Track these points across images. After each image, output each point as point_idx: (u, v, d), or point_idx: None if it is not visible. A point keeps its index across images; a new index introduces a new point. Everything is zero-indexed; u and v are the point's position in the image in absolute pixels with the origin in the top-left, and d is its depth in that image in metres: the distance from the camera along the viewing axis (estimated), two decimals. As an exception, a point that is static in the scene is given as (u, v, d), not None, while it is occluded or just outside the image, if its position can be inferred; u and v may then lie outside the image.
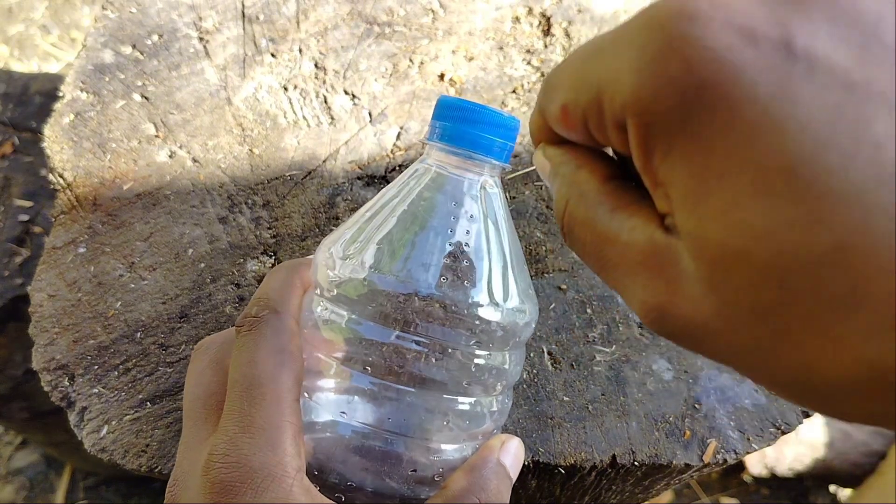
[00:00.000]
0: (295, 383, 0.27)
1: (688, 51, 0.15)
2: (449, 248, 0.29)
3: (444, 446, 0.29)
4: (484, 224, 0.30)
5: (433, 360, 0.28)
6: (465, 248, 0.29)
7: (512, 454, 0.30)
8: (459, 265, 0.29)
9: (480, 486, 0.27)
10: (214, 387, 0.29)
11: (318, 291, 0.30)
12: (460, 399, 0.29)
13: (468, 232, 0.29)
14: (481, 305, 0.28)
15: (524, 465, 0.39)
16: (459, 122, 0.29)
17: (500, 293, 0.29)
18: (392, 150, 0.50)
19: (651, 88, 0.16)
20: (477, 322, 0.28)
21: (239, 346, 0.28)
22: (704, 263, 0.16)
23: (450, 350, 0.28)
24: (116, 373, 0.43)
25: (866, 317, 0.14)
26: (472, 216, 0.30)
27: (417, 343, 0.28)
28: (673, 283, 0.17)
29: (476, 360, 0.29)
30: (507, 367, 0.30)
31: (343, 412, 0.29)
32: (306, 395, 0.29)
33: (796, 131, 0.14)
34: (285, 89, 0.52)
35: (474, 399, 0.30)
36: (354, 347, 0.28)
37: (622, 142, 0.18)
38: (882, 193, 0.14)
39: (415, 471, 0.29)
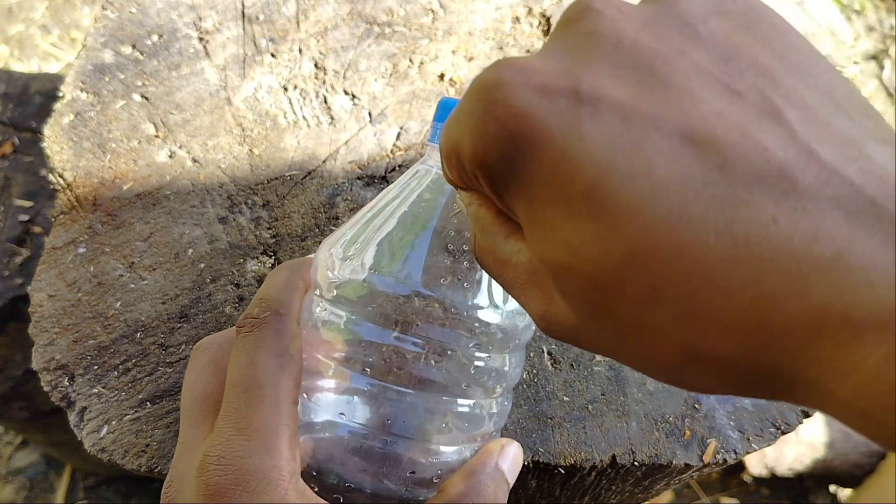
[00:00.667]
0: (294, 386, 0.27)
1: (498, 112, 0.19)
2: (449, 250, 0.29)
3: (443, 448, 0.29)
4: None
5: (432, 362, 0.28)
6: (465, 250, 0.29)
7: (510, 459, 0.30)
8: (459, 267, 0.29)
9: (478, 490, 0.28)
10: (213, 387, 0.29)
11: (317, 292, 0.30)
12: (460, 401, 0.29)
13: (468, 234, 0.29)
14: (481, 307, 0.28)
15: (524, 465, 0.39)
16: None
17: (500, 295, 0.29)
18: (392, 151, 0.50)
19: (481, 147, 0.19)
20: (476, 324, 0.28)
21: (239, 346, 0.28)
22: (552, 279, 0.19)
23: (449, 352, 0.28)
24: (116, 373, 0.43)
25: (665, 308, 0.16)
26: None
27: (417, 345, 0.28)
28: (547, 295, 0.20)
29: (475, 362, 0.29)
30: (506, 369, 0.30)
31: (342, 413, 0.29)
32: (305, 395, 0.29)
33: (586, 161, 0.17)
34: (285, 89, 0.52)
35: (474, 401, 0.30)
36: (354, 348, 0.28)
37: (484, 188, 0.21)
38: (657, 206, 0.16)
39: (413, 472, 0.29)
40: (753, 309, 0.15)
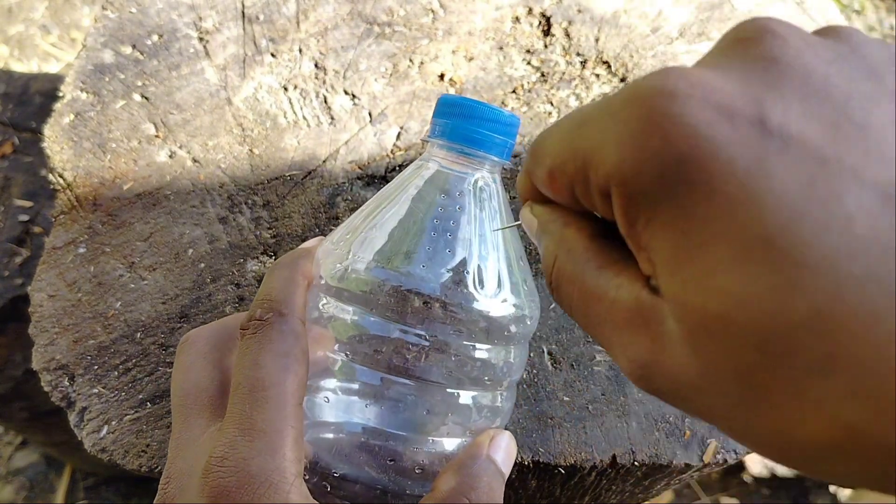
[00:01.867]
0: (298, 387, 0.27)
1: (668, 126, 0.16)
2: (450, 244, 0.29)
3: (447, 442, 0.29)
4: (484, 220, 0.30)
5: (436, 356, 0.28)
6: (467, 244, 0.29)
7: (503, 449, 0.29)
8: (461, 261, 0.29)
9: (470, 484, 0.27)
10: (205, 381, 0.29)
11: (320, 287, 0.30)
12: (464, 394, 0.29)
13: (469, 228, 0.29)
14: (484, 300, 0.29)
15: (525, 465, 0.39)
16: (459, 120, 0.29)
17: (502, 289, 0.29)
18: (392, 150, 0.50)
19: (633, 161, 0.17)
20: (480, 317, 0.29)
21: (243, 348, 0.27)
22: (687, 326, 0.16)
23: (453, 345, 0.28)
24: (116, 373, 0.43)
25: (841, 381, 0.14)
26: (472, 213, 0.30)
27: (420, 338, 0.28)
28: (658, 341, 0.17)
29: (479, 355, 0.29)
30: (511, 361, 0.30)
31: (346, 408, 0.29)
32: (311, 392, 0.29)
33: (772, 203, 0.15)
34: (285, 89, 0.52)
35: (478, 394, 0.30)
36: (357, 343, 0.28)
37: (607, 208, 0.19)
38: (853, 265, 0.14)
39: (419, 466, 0.29)
40: None
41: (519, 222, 0.25)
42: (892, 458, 0.14)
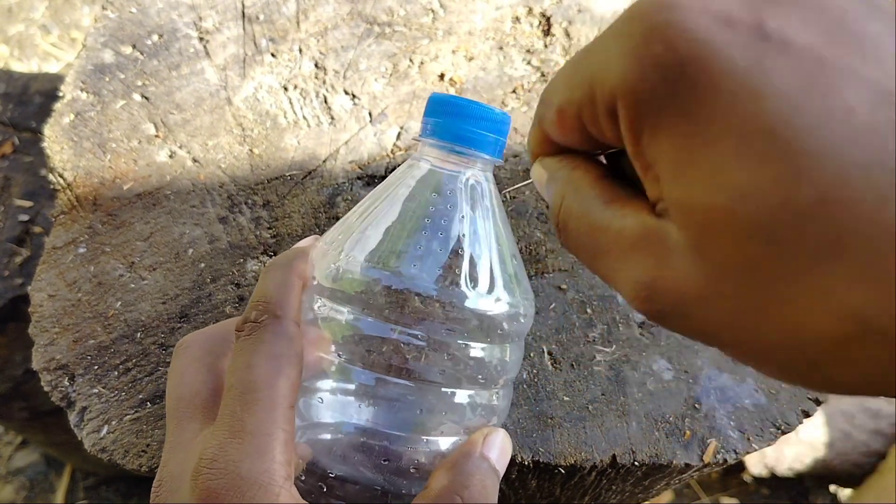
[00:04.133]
0: (291, 390, 0.27)
1: (669, 33, 0.17)
2: (443, 243, 0.29)
3: (443, 441, 0.29)
4: (477, 219, 0.30)
5: (430, 355, 0.28)
6: (460, 243, 0.29)
7: (497, 447, 0.29)
8: (454, 259, 0.29)
9: (462, 483, 0.26)
10: (198, 385, 0.29)
11: (314, 288, 0.30)
12: (459, 393, 0.29)
13: (462, 226, 0.29)
14: (478, 298, 0.29)
15: (525, 464, 0.39)
16: (449, 118, 0.29)
17: (495, 286, 0.29)
18: (392, 150, 0.50)
19: (637, 70, 0.17)
20: (473, 315, 0.29)
21: (237, 350, 0.27)
22: (693, 230, 0.17)
23: (448, 344, 0.28)
24: (116, 373, 0.43)
25: (849, 265, 0.14)
26: (464, 211, 0.30)
27: (415, 337, 0.28)
28: (663, 258, 0.18)
29: (474, 354, 0.29)
30: (506, 360, 0.30)
31: (341, 409, 0.29)
32: (307, 394, 0.29)
33: (773, 97, 0.15)
34: (285, 89, 0.52)
35: (473, 393, 0.30)
36: (351, 343, 0.28)
37: (615, 131, 0.19)
38: (856, 152, 0.15)
39: (415, 466, 0.29)
40: None
41: (530, 181, 0.26)
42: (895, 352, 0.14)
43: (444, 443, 0.29)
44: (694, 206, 0.17)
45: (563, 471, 0.39)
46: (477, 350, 0.29)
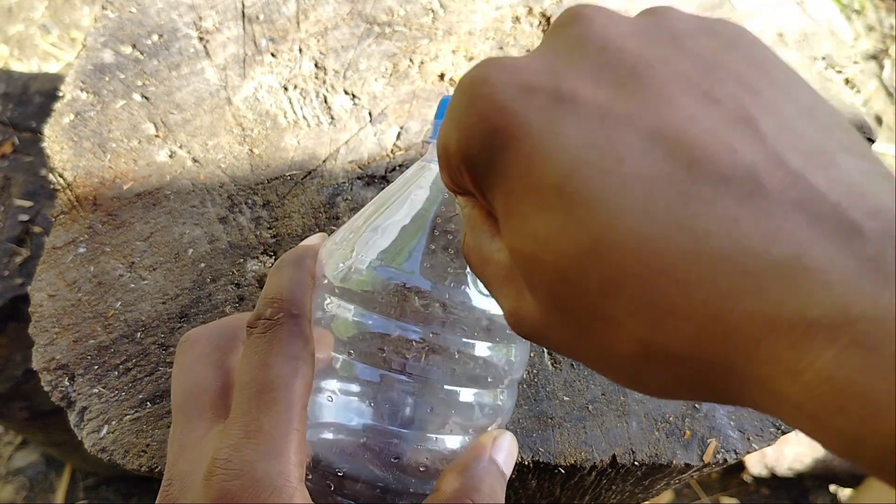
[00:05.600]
0: (305, 391, 0.26)
1: (481, 105, 0.19)
2: (452, 244, 0.29)
3: (448, 440, 0.29)
4: None
5: (437, 354, 0.28)
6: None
7: (505, 450, 0.29)
8: (462, 261, 0.29)
9: (473, 486, 0.27)
10: (206, 382, 0.28)
11: (323, 287, 0.30)
12: (465, 392, 0.29)
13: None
14: (484, 299, 0.29)
15: (525, 464, 0.39)
16: None
17: None
18: (392, 150, 0.50)
19: (464, 140, 0.20)
20: (481, 315, 0.29)
21: (251, 347, 0.27)
22: (521, 271, 0.19)
23: (454, 343, 0.28)
24: (116, 373, 0.43)
25: (625, 299, 0.16)
26: None
27: (423, 336, 0.28)
28: (518, 291, 0.20)
29: (480, 353, 0.29)
30: (512, 360, 0.30)
31: (347, 407, 0.29)
32: (314, 392, 0.29)
33: (560, 155, 0.18)
34: (285, 89, 0.52)
35: (479, 392, 0.30)
36: (359, 342, 0.28)
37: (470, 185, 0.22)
38: (625, 198, 0.16)
39: (421, 465, 0.29)
40: (709, 304, 0.15)
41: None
42: (682, 364, 0.16)
43: (451, 441, 0.29)
44: (515, 251, 0.19)
45: (563, 471, 0.39)
46: (483, 349, 0.29)
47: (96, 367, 0.43)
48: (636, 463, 0.39)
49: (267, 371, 0.26)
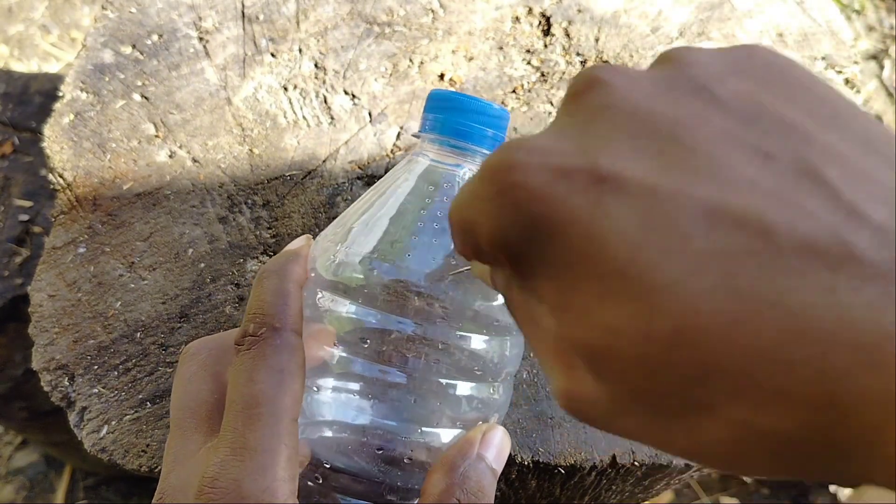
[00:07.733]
0: (293, 403, 0.26)
1: (516, 195, 0.18)
2: (441, 236, 0.29)
3: (443, 433, 0.29)
4: None
5: (430, 347, 0.28)
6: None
7: (495, 446, 0.28)
8: (451, 253, 0.29)
9: (459, 485, 0.26)
10: (204, 395, 0.28)
11: (314, 281, 0.30)
12: (459, 386, 0.29)
13: None
14: (479, 290, 0.29)
15: (524, 465, 0.39)
16: (448, 113, 0.29)
17: None
18: (392, 150, 0.50)
19: (499, 231, 0.19)
20: (475, 308, 0.29)
21: (237, 364, 0.27)
22: (585, 360, 0.18)
23: (445, 336, 0.28)
24: (116, 373, 0.43)
25: (722, 385, 0.15)
26: None
27: (413, 330, 0.28)
28: (572, 370, 0.18)
29: (472, 346, 0.29)
30: (505, 353, 0.30)
31: (342, 402, 0.29)
32: (310, 390, 0.29)
33: (616, 239, 0.16)
34: (285, 89, 0.52)
35: (473, 386, 0.30)
36: (351, 336, 0.29)
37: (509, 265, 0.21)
38: (702, 278, 0.15)
39: (415, 458, 0.29)
40: (821, 384, 0.14)
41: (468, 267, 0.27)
42: (793, 447, 0.15)
43: (444, 435, 0.29)
44: (579, 342, 0.18)
45: (563, 471, 0.39)
46: (475, 342, 0.29)
47: (96, 367, 0.43)
48: (636, 463, 0.39)
49: (252, 387, 0.26)
